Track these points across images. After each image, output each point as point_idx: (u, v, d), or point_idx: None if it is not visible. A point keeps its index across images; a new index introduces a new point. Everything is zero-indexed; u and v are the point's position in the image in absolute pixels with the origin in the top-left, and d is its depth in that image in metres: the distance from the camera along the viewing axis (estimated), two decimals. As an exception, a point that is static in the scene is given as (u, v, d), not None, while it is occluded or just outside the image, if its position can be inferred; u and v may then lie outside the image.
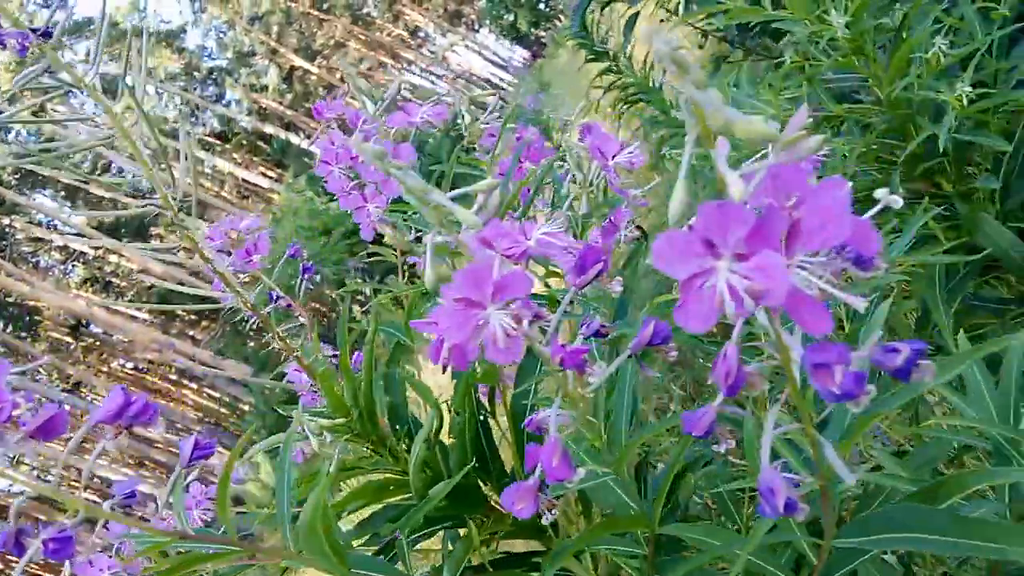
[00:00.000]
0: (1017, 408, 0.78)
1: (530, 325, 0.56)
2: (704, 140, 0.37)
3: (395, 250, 1.17)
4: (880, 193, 0.40)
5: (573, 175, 0.85)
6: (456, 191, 0.50)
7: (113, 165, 1.00)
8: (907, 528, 0.53)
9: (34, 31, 0.76)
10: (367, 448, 1.06)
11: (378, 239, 1.19)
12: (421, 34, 29.44)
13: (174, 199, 0.85)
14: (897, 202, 0.39)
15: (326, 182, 1.06)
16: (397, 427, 1.11)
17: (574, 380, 0.54)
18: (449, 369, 0.63)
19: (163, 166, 0.81)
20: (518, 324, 0.47)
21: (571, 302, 1.00)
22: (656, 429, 0.71)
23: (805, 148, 0.35)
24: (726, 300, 0.36)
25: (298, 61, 26.30)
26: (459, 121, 1.31)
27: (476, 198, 0.49)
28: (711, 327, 0.38)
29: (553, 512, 0.59)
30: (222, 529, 0.71)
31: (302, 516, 0.61)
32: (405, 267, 1.26)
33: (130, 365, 24.98)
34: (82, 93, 1.09)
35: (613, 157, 0.71)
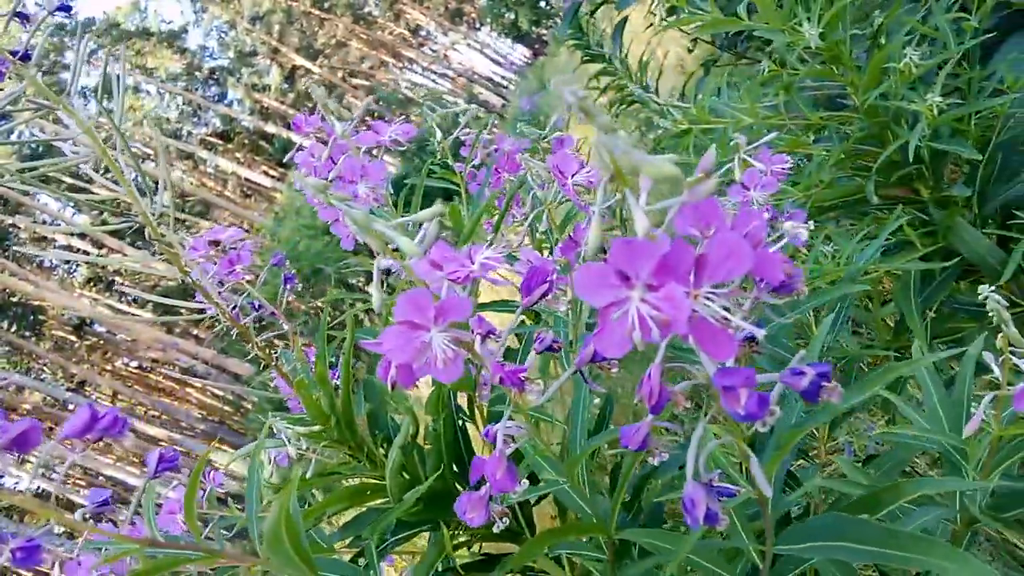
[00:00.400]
0: (968, 417, 0.81)
1: (483, 341, 0.59)
2: (617, 180, 0.39)
3: (373, 259, 1.20)
4: (787, 226, 0.42)
5: (534, 193, 0.88)
6: (403, 218, 0.52)
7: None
8: (837, 537, 0.56)
9: (13, 54, 0.78)
10: (346, 454, 1.09)
11: (362, 246, 1.21)
12: (422, 32, 29.46)
13: (154, 214, 0.88)
14: (802, 235, 0.41)
15: (305, 195, 1.08)
16: (376, 432, 1.13)
17: (519, 396, 0.56)
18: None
19: (147, 187, 0.84)
20: (458, 346, 0.49)
21: (540, 316, 1.02)
22: (602, 439, 0.74)
23: (704, 190, 0.37)
24: (636, 328, 0.38)
25: (299, 60, 26.34)
26: (460, 118, 1.33)
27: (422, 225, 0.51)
28: (626, 352, 0.41)
29: (504, 520, 0.61)
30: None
31: (267, 522, 0.63)
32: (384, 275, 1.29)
33: (134, 364, 25.09)
34: (86, 100, 1.11)
35: (572, 176, 0.74)
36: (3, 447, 0.57)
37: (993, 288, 0.66)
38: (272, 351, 1.16)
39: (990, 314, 0.66)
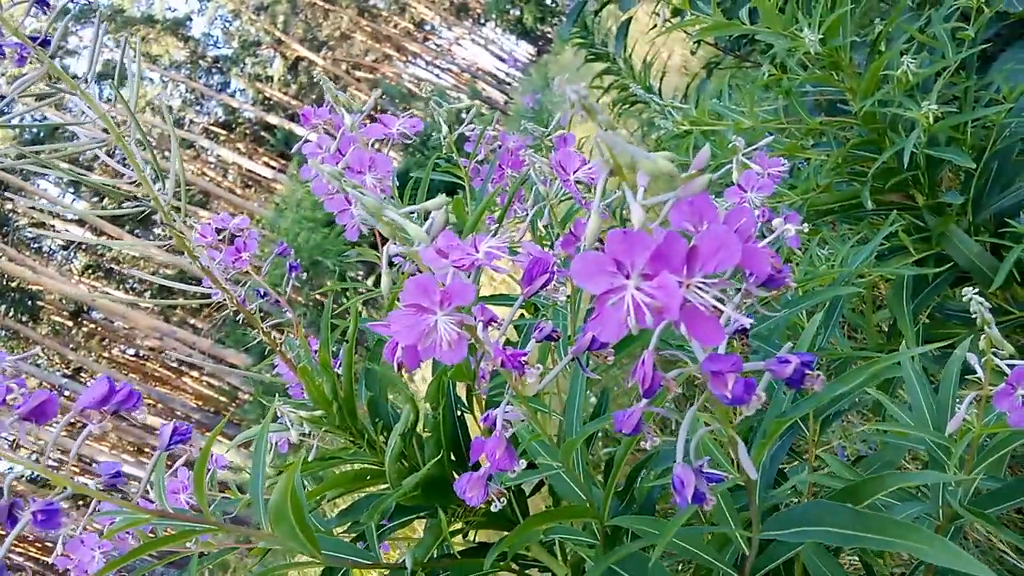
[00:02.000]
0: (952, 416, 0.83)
1: (485, 329, 0.62)
2: (616, 174, 0.42)
3: (377, 251, 1.22)
4: (776, 223, 0.45)
5: (537, 189, 0.91)
6: (410, 207, 0.55)
7: (117, 152, 1.04)
8: (818, 522, 0.58)
9: (33, 40, 0.80)
10: (347, 439, 1.11)
11: (364, 239, 1.24)
12: (427, 27, 29.44)
13: (165, 201, 0.90)
14: (790, 231, 0.44)
15: (311, 186, 1.10)
16: (376, 419, 1.16)
17: (518, 380, 0.59)
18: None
19: (154, 174, 0.86)
20: (462, 328, 0.52)
21: (538, 308, 1.04)
22: (598, 425, 0.76)
23: (697, 186, 0.40)
24: (631, 314, 0.41)
25: (303, 52, 26.31)
26: (463, 114, 1.35)
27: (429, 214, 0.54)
28: (620, 338, 0.43)
29: (502, 500, 0.64)
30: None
31: (272, 500, 0.66)
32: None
33: (131, 352, 25.09)
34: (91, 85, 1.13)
35: (574, 172, 0.76)
36: (22, 417, 0.60)
37: (977, 290, 0.68)
38: (274, 338, 1.18)
39: (972, 316, 0.68)
